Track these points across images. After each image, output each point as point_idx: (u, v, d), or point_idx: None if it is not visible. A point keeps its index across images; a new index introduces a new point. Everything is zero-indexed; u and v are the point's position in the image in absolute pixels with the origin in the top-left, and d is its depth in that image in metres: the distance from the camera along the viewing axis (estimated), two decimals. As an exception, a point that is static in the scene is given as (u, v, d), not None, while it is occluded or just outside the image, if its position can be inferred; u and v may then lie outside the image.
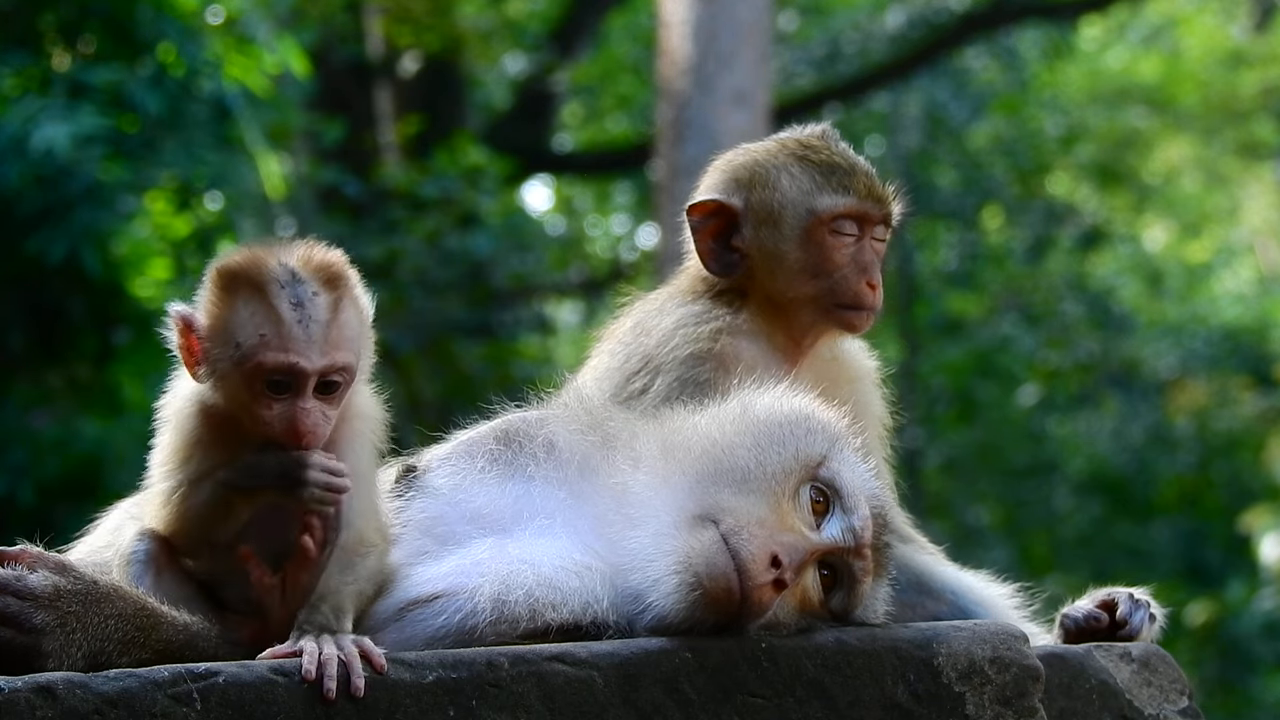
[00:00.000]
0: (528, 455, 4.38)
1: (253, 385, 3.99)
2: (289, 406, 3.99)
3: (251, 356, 3.97)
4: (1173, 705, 4.34)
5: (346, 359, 4.03)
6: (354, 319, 4.07)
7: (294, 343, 3.97)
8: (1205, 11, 28.13)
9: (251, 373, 3.98)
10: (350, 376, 4.05)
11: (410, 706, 3.84)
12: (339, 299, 4.04)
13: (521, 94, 24.91)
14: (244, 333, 3.98)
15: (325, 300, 4.02)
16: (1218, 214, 28.77)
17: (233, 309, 4.00)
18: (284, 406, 3.99)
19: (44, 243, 11.90)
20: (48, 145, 11.60)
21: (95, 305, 12.82)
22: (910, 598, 4.68)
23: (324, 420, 4.01)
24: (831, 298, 4.91)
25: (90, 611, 3.92)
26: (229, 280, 4.02)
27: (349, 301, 4.07)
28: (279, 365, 3.97)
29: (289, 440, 3.99)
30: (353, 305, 4.08)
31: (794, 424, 4.27)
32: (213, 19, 13.29)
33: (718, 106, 15.29)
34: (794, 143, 5.04)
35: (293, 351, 3.97)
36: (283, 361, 3.97)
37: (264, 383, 3.99)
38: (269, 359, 3.97)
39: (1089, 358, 25.87)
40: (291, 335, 3.98)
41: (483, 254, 19.70)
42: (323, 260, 4.05)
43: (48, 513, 11.92)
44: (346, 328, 4.05)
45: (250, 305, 3.99)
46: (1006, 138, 26.00)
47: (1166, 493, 24.96)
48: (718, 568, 4.02)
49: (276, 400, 3.99)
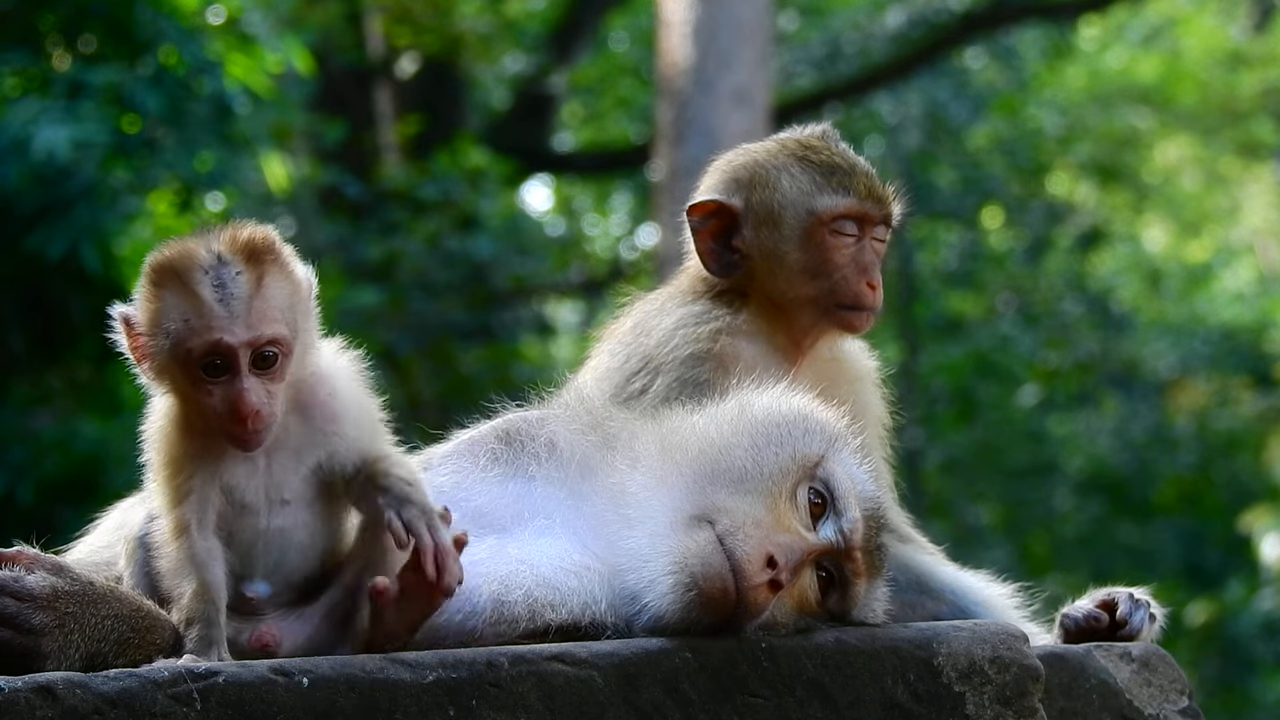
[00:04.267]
0: (529, 455, 4.38)
1: (189, 373, 3.99)
2: (228, 388, 3.98)
3: (180, 343, 3.98)
4: (1173, 705, 4.34)
5: (276, 330, 4.01)
6: (282, 291, 4.05)
7: (216, 320, 3.97)
8: (1205, 12, 28.13)
9: (184, 360, 3.98)
10: (285, 348, 4.03)
11: (410, 706, 3.84)
12: (263, 274, 4.03)
13: (521, 94, 24.91)
14: (170, 321, 3.99)
15: (248, 277, 4.01)
16: (1217, 214, 28.78)
17: (160, 300, 4.01)
18: (223, 389, 3.98)
19: (43, 240, 11.90)
20: (49, 149, 11.61)
21: (95, 305, 12.80)
22: (910, 598, 4.67)
23: (268, 397, 3.99)
24: (832, 298, 4.91)
25: (88, 612, 3.92)
26: (157, 274, 4.03)
27: (276, 274, 4.06)
28: (204, 346, 3.96)
29: (236, 423, 3.97)
30: (282, 277, 4.07)
31: (792, 424, 4.26)
32: (213, 19, 13.29)
33: (718, 106, 15.30)
34: (794, 143, 5.04)
35: (215, 329, 3.97)
36: (207, 340, 3.96)
37: (198, 368, 3.98)
38: (194, 342, 3.97)
39: (1089, 358, 25.89)
40: (213, 314, 3.98)
41: (483, 255, 19.71)
42: (247, 238, 4.05)
43: (48, 513, 11.92)
44: (273, 300, 4.03)
45: (175, 294, 4.00)
46: (1006, 138, 26.01)
47: (1166, 493, 24.97)
48: (713, 568, 4.01)
49: (215, 384, 3.98)
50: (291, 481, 4.10)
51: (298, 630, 4.07)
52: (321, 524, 4.13)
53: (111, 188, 12.16)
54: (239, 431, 3.98)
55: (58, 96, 12.17)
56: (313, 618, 4.10)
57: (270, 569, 4.09)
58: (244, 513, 4.06)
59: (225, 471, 4.05)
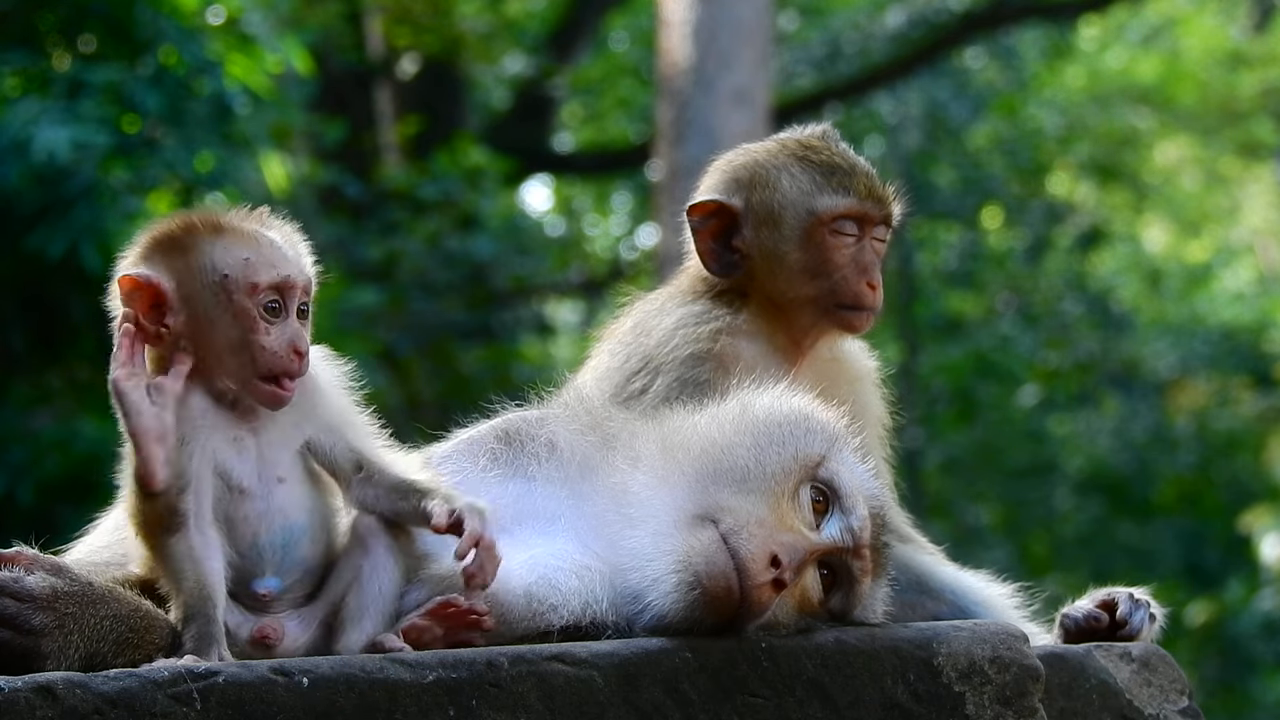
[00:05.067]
0: (529, 455, 4.38)
1: (245, 316, 4.00)
2: (284, 328, 4.02)
3: (245, 279, 4.00)
4: (1173, 705, 4.34)
5: (314, 283, 4.13)
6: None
7: (280, 257, 4.05)
8: (1204, 12, 28.13)
9: (247, 295, 4.01)
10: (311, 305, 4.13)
11: (410, 706, 3.84)
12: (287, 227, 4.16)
13: (521, 94, 24.91)
14: (225, 265, 4.02)
15: (280, 224, 4.13)
16: (1217, 214, 28.78)
17: (202, 251, 4.03)
18: (278, 329, 4.02)
19: (43, 240, 11.90)
20: (49, 148, 11.61)
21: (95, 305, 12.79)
22: (910, 598, 4.67)
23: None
24: (832, 298, 4.91)
25: (87, 613, 3.92)
26: (185, 233, 4.06)
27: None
28: (272, 279, 4.02)
29: (292, 364, 4.01)
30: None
31: (793, 424, 4.27)
32: (213, 19, 13.28)
33: (718, 106, 15.30)
34: (794, 143, 5.04)
35: (281, 265, 4.04)
36: (275, 275, 4.02)
37: (262, 306, 4.01)
38: (262, 277, 4.01)
39: (1089, 358, 25.89)
40: (278, 251, 4.05)
41: (483, 255, 19.70)
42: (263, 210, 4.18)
43: (48, 512, 11.91)
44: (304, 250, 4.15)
45: (222, 240, 4.04)
46: (1006, 138, 26.01)
47: (1166, 493, 24.98)
48: (717, 567, 4.01)
49: (273, 323, 4.02)
50: (283, 459, 4.10)
51: (299, 629, 4.07)
52: (318, 504, 4.12)
53: (111, 187, 12.16)
54: (292, 368, 4.01)
55: (58, 96, 12.17)
56: (313, 618, 4.09)
57: (278, 559, 4.07)
58: (242, 498, 4.05)
59: (218, 455, 4.04)
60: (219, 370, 4.04)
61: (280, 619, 4.07)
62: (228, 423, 4.07)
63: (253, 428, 4.07)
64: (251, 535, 4.05)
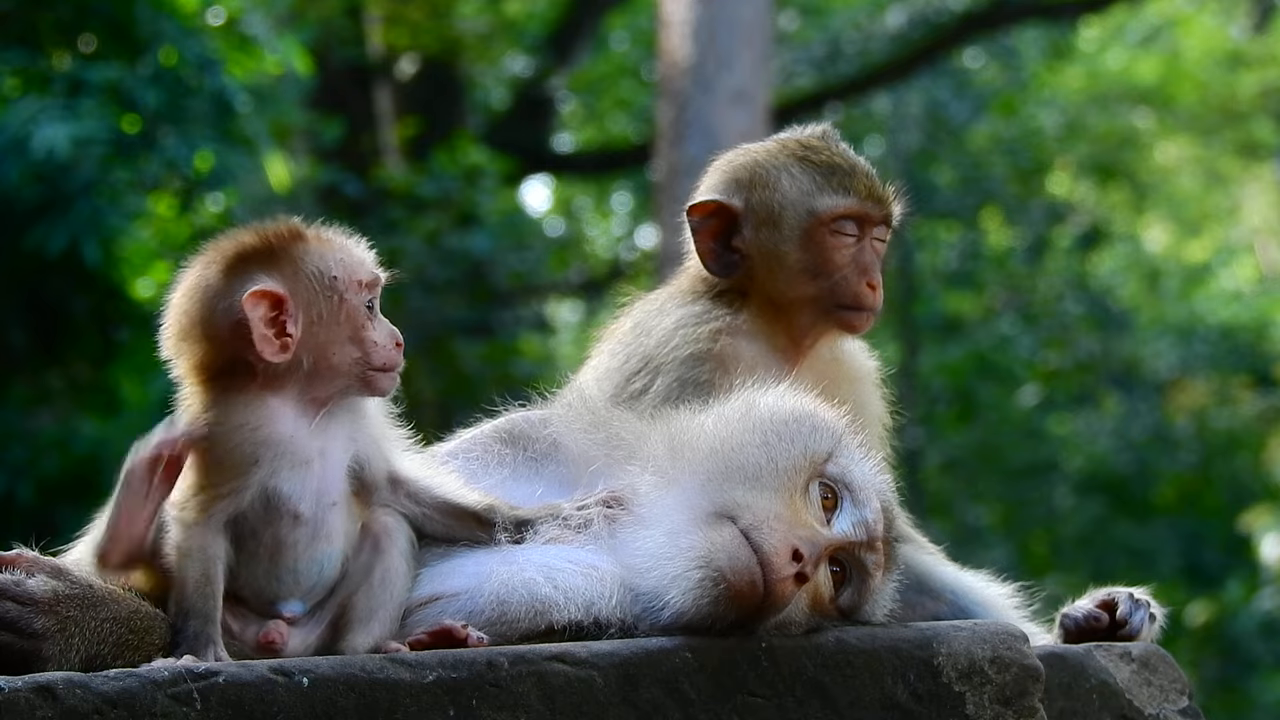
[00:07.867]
0: (532, 455, 4.38)
1: (359, 311, 4.13)
2: (381, 322, 4.19)
3: (352, 276, 4.13)
4: (1173, 705, 4.34)
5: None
6: None
7: (365, 256, 4.21)
8: (1204, 12, 28.14)
9: (355, 293, 4.13)
10: None
11: (410, 706, 3.84)
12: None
13: (521, 95, 24.91)
14: (330, 266, 4.12)
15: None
16: (1217, 214, 28.78)
17: (307, 257, 4.10)
18: (378, 323, 4.18)
19: (43, 236, 11.89)
20: (48, 147, 11.60)
21: (96, 304, 12.81)
22: (910, 598, 4.67)
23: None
24: (832, 298, 4.91)
25: (88, 615, 3.91)
26: (280, 242, 4.12)
27: None
28: (371, 278, 4.18)
29: (398, 355, 4.16)
30: None
31: (799, 421, 4.27)
32: (213, 19, 13.29)
33: (718, 106, 15.29)
34: (794, 143, 5.04)
35: (369, 263, 4.21)
36: (371, 274, 4.19)
37: (364, 305, 4.14)
38: (364, 275, 4.17)
39: (1089, 357, 25.88)
40: (360, 250, 4.22)
41: (482, 254, 19.69)
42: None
43: (48, 512, 11.91)
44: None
45: (316, 246, 4.14)
46: (1006, 137, 26.01)
47: (1166, 492, 24.98)
48: (740, 562, 4.01)
49: (372, 319, 4.17)
50: (337, 481, 4.09)
51: (304, 632, 4.07)
52: (351, 527, 4.11)
53: (111, 185, 12.16)
54: (399, 360, 4.18)
55: (57, 95, 12.17)
56: (319, 620, 4.09)
57: (309, 585, 4.07)
58: (296, 523, 4.02)
59: (283, 483, 4.02)
60: (330, 373, 4.07)
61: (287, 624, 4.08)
62: (304, 446, 4.04)
63: (322, 449, 4.06)
64: (293, 561, 4.04)
